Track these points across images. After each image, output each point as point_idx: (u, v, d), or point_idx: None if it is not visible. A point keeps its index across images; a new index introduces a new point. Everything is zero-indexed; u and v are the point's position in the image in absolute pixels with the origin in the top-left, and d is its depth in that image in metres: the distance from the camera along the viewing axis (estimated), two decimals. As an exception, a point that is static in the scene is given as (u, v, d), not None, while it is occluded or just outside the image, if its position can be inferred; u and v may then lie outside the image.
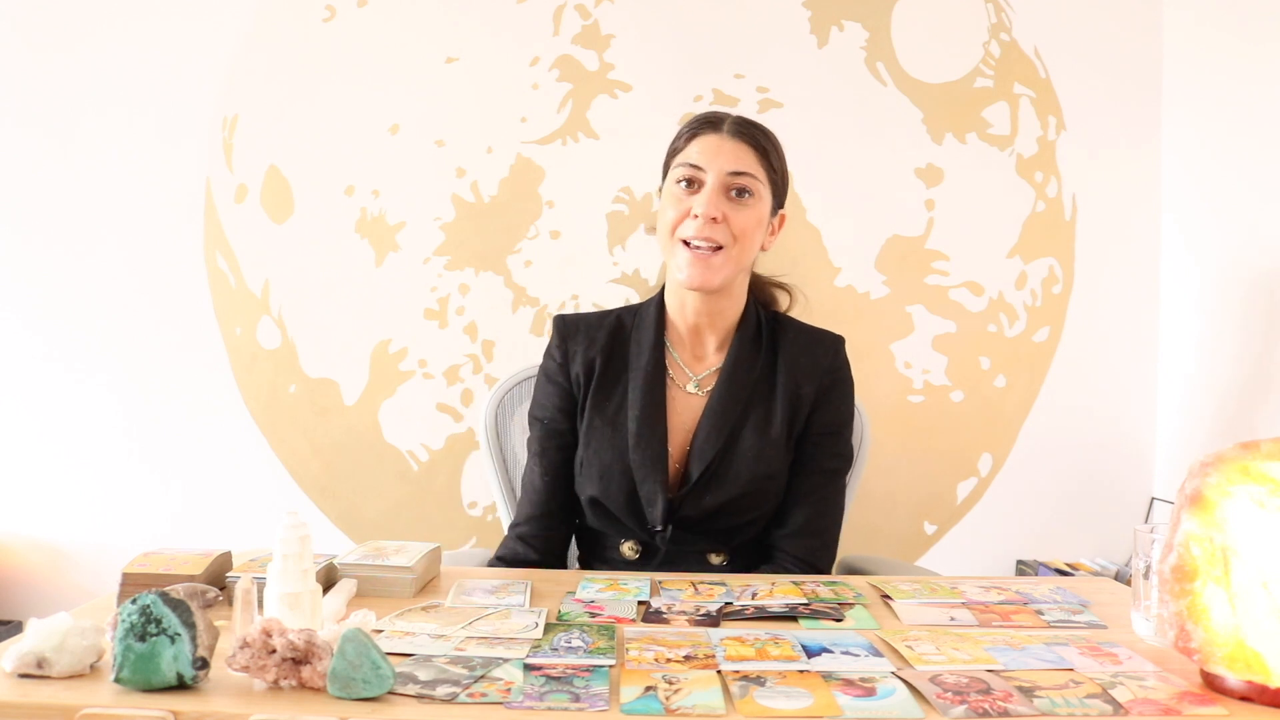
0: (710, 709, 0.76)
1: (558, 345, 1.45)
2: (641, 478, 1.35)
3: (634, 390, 1.38)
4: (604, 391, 1.40)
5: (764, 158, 1.34)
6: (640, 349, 1.41)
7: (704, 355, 1.43)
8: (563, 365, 1.44)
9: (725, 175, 1.32)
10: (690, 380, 1.41)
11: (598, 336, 1.43)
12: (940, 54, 2.20)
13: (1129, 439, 2.24)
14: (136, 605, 0.79)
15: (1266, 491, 0.78)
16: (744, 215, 1.32)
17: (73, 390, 2.26)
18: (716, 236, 1.31)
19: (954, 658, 0.88)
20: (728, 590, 1.12)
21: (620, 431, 1.37)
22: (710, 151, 1.33)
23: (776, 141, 1.39)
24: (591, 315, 1.48)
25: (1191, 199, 2.12)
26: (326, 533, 2.22)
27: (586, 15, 2.19)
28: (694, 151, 1.34)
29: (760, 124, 1.38)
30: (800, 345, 1.42)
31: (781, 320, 1.47)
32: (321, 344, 2.24)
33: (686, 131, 1.37)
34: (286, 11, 2.21)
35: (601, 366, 1.41)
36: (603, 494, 1.37)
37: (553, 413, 1.43)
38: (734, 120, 1.35)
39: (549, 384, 1.45)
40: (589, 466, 1.38)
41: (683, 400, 1.40)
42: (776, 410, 1.38)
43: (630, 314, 1.47)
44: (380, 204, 2.22)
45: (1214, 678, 0.81)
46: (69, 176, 2.24)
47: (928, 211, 2.21)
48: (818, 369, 1.40)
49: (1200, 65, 2.09)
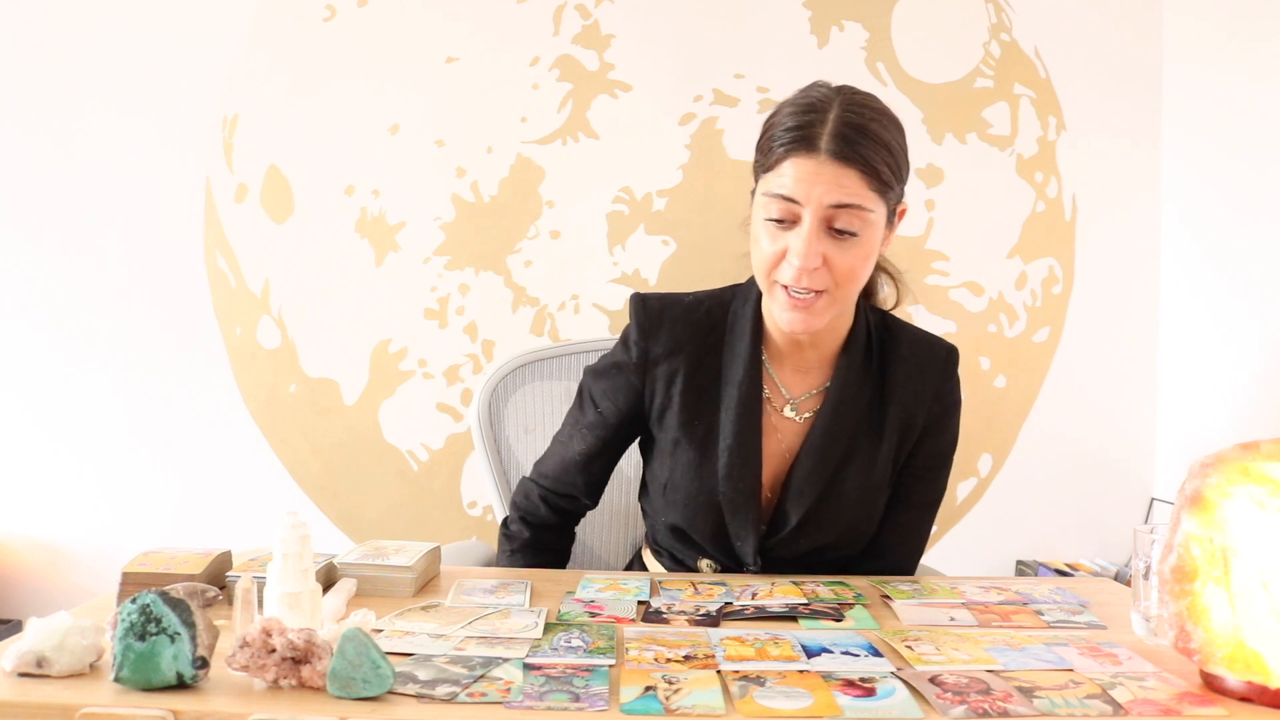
0: (710, 709, 0.76)
1: (638, 340, 1.26)
2: (732, 513, 1.21)
3: (726, 412, 1.22)
4: (692, 409, 1.23)
5: (874, 177, 1.09)
6: (735, 361, 1.23)
7: (806, 371, 1.25)
8: (640, 366, 1.25)
9: (825, 209, 1.09)
10: (789, 404, 1.24)
11: (685, 337, 1.25)
12: (940, 54, 2.20)
13: (1129, 439, 2.24)
14: (136, 604, 0.79)
15: (1266, 492, 0.78)
16: (850, 255, 1.11)
17: (73, 390, 2.26)
18: (816, 284, 1.11)
19: (954, 658, 0.88)
20: (727, 590, 1.12)
21: (710, 458, 1.22)
22: (807, 180, 1.08)
23: (890, 136, 1.12)
24: (678, 304, 1.27)
25: (1192, 199, 2.12)
26: (326, 533, 2.22)
27: (586, 15, 2.19)
28: (787, 178, 1.09)
29: (871, 121, 1.10)
30: (914, 363, 1.25)
31: (892, 328, 1.28)
32: (321, 344, 2.24)
33: (779, 143, 1.11)
34: (286, 11, 2.21)
35: (688, 376, 1.24)
36: (688, 524, 1.24)
37: (610, 407, 1.29)
38: (834, 135, 1.08)
39: (619, 375, 1.28)
40: (673, 492, 1.24)
41: (780, 424, 1.24)
42: (884, 445, 1.23)
43: (721, 307, 1.27)
44: (380, 204, 2.22)
45: (1214, 678, 0.81)
46: (69, 176, 2.24)
47: (928, 211, 2.21)
48: (930, 391, 1.24)
49: (1200, 65, 2.09)
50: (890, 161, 1.11)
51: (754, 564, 1.24)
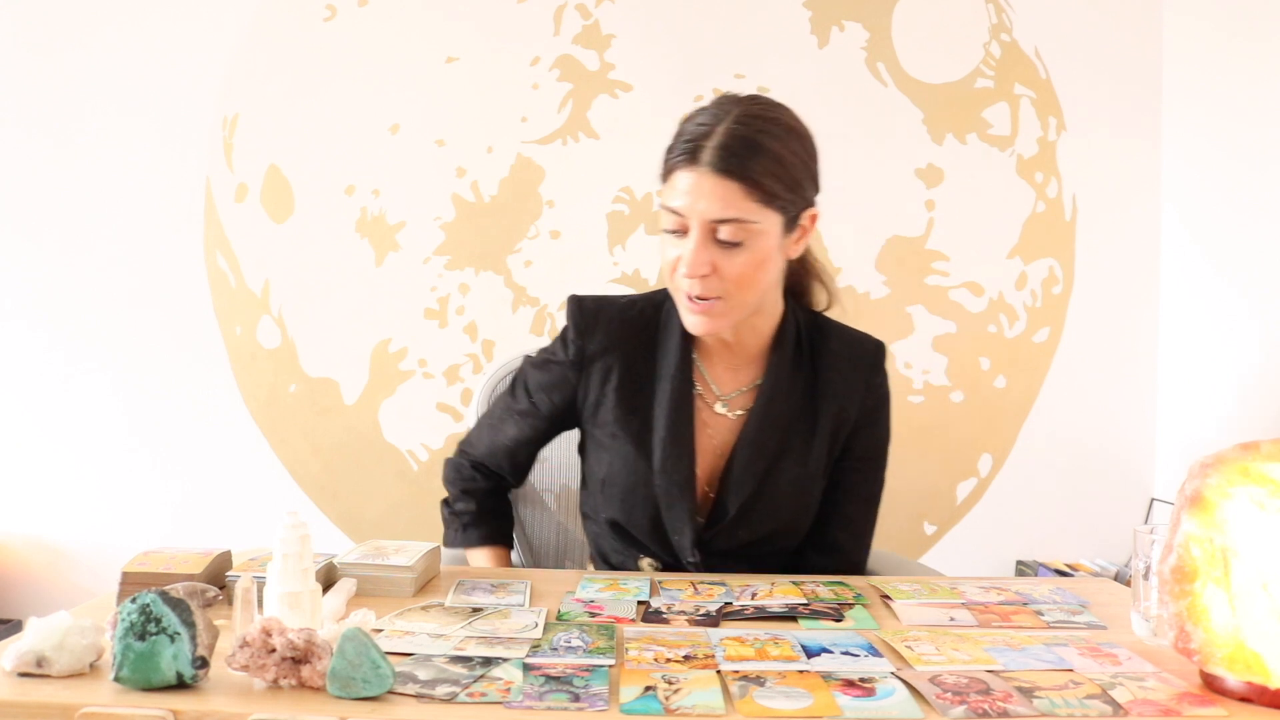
0: (710, 709, 0.76)
1: (574, 339, 1.30)
2: (667, 506, 1.24)
3: (660, 407, 1.25)
4: (627, 405, 1.26)
5: (756, 188, 1.11)
6: (667, 358, 1.26)
7: (736, 370, 1.28)
8: (576, 364, 1.29)
9: (707, 222, 1.11)
10: (720, 400, 1.27)
11: (619, 335, 1.28)
12: (941, 54, 2.20)
13: (1129, 439, 2.24)
14: (136, 604, 0.79)
15: (1266, 493, 0.78)
16: (737, 264, 1.13)
17: (73, 390, 2.26)
18: (710, 291, 1.14)
19: (954, 658, 0.88)
20: (727, 590, 1.12)
21: (645, 452, 1.25)
22: (690, 194, 1.11)
23: (784, 146, 1.14)
24: (614, 304, 1.31)
25: (1191, 199, 2.12)
26: (326, 533, 2.22)
27: (587, 15, 2.19)
28: (676, 190, 1.13)
29: (760, 133, 1.13)
30: (844, 357, 1.29)
31: (822, 326, 1.32)
32: (321, 344, 2.24)
33: (672, 155, 1.15)
34: (286, 11, 2.21)
35: (622, 373, 1.27)
36: (625, 518, 1.27)
37: (544, 399, 1.32)
38: (717, 147, 1.11)
39: (556, 370, 1.31)
40: (610, 486, 1.27)
41: (712, 420, 1.27)
42: (817, 437, 1.26)
43: (654, 308, 1.30)
44: (380, 204, 2.22)
45: (1213, 679, 0.81)
46: (69, 176, 2.24)
47: (928, 212, 2.21)
48: (861, 384, 1.28)
49: (1200, 65, 2.09)
50: (779, 172, 1.13)
51: (692, 556, 1.25)
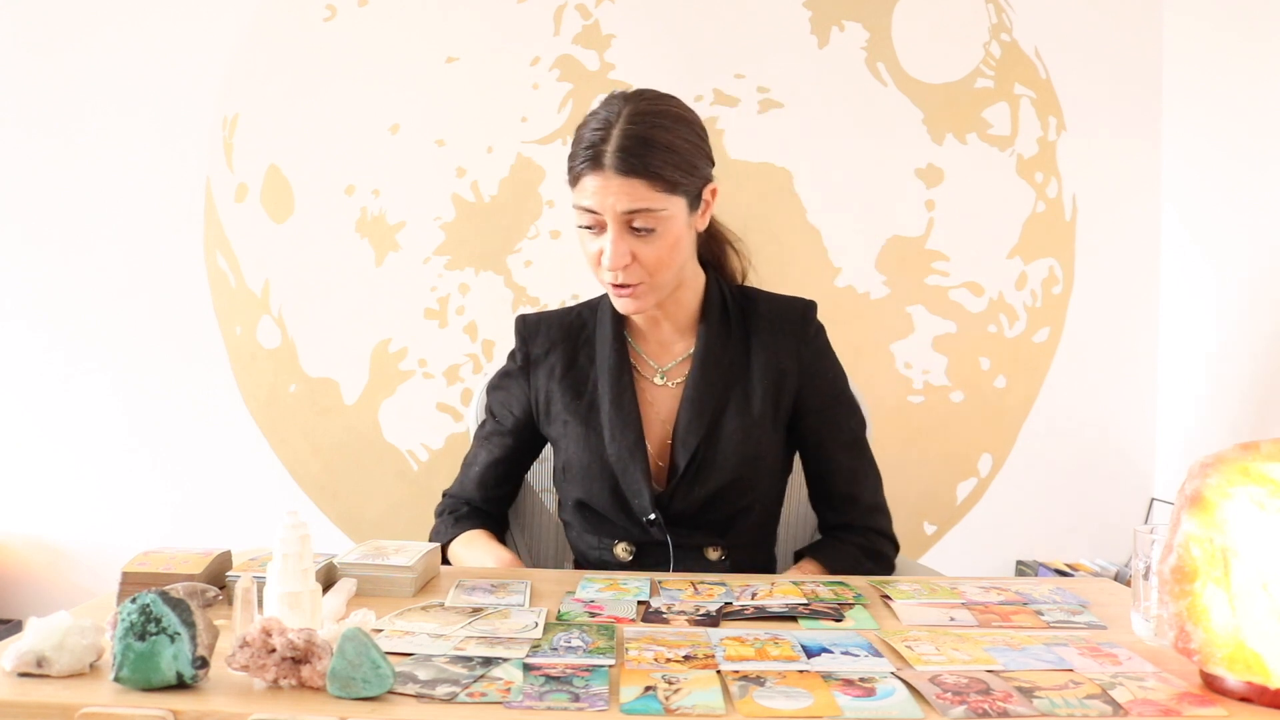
0: (710, 709, 0.76)
1: (519, 347, 1.44)
2: (622, 469, 1.33)
3: (602, 385, 1.36)
4: (573, 391, 1.38)
5: (658, 180, 1.22)
6: (603, 344, 1.38)
7: (668, 344, 1.39)
8: (523, 369, 1.43)
9: (620, 215, 1.23)
10: (657, 372, 1.38)
11: (559, 336, 1.42)
12: (941, 54, 2.20)
13: (1129, 439, 2.24)
14: (136, 604, 0.79)
15: (1266, 493, 0.78)
16: (654, 248, 1.25)
17: (73, 390, 2.26)
18: (632, 278, 1.26)
19: (954, 658, 0.88)
20: (727, 590, 1.12)
21: (594, 429, 1.35)
22: (600, 193, 1.22)
23: (674, 136, 1.25)
24: (553, 313, 1.46)
25: (1192, 199, 2.12)
26: (326, 533, 2.22)
27: (587, 15, 2.19)
28: (586, 192, 1.24)
29: (652, 129, 1.23)
30: (773, 320, 1.38)
31: (749, 295, 1.42)
32: (321, 344, 2.24)
33: (577, 160, 1.25)
34: (286, 11, 2.21)
35: (565, 367, 1.40)
36: (587, 494, 1.35)
37: (506, 414, 1.44)
38: (616, 150, 1.21)
39: (509, 381, 1.45)
40: (570, 470, 1.37)
41: (653, 392, 1.38)
42: (755, 388, 1.35)
43: (590, 309, 1.45)
44: (380, 204, 2.22)
45: (1214, 679, 0.81)
46: (69, 176, 2.24)
47: (928, 212, 2.21)
48: (793, 339, 1.38)
49: (1200, 65, 2.09)
50: (676, 161, 1.24)
51: (652, 513, 1.32)
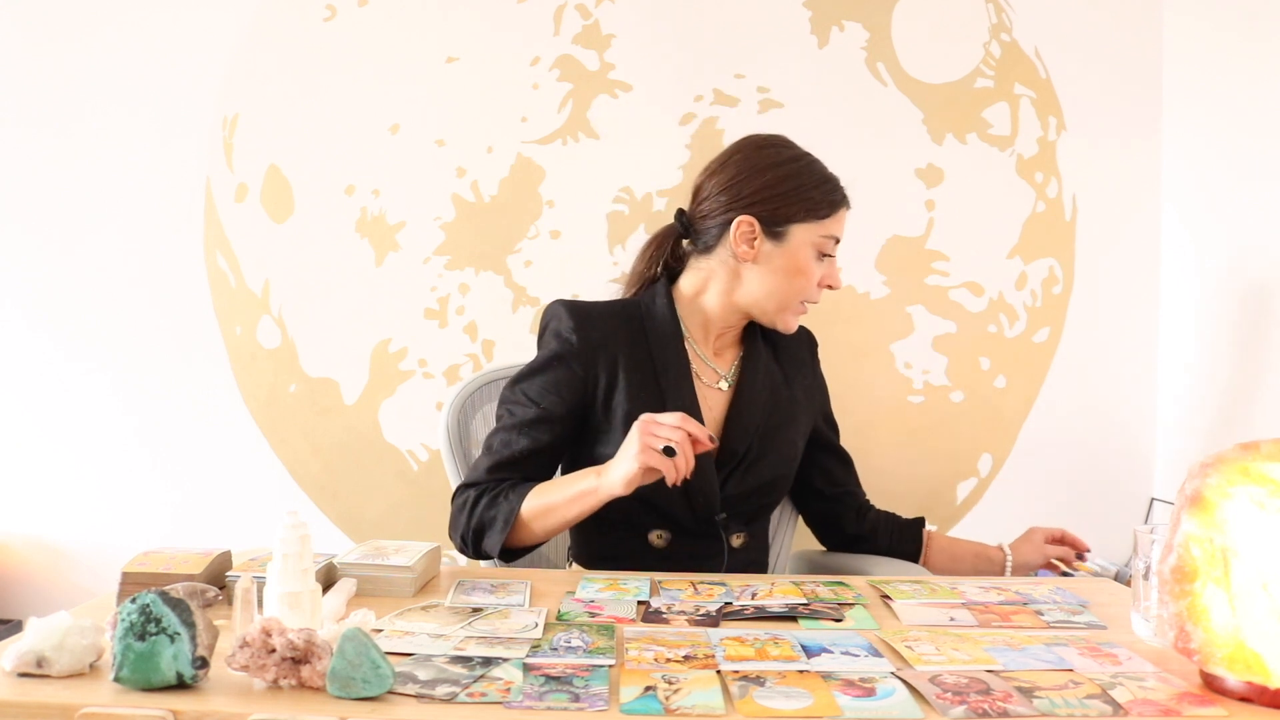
0: (710, 709, 0.76)
1: (574, 328, 1.39)
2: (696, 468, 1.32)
3: (668, 385, 1.40)
4: (637, 385, 1.38)
5: None
6: (663, 347, 1.42)
7: (720, 353, 1.51)
8: (581, 351, 1.38)
9: None
10: (721, 378, 1.48)
11: (614, 326, 1.41)
12: (941, 54, 2.19)
13: (1129, 439, 2.23)
14: (136, 604, 0.79)
15: (1266, 493, 0.78)
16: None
17: (72, 390, 2.26)
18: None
19: (954, 658, 0.88)
20: (727, 590, 1.12)
21: None
22: (843, 226, 1.48)
23: None
24: (599, 305, 1.45)
25: (1192, 199, 2.12)
26: (326, 533, 2.22)
27: (587, 15, 2.19)
28: (839, 223, 1.46)
29: None
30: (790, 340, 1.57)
31: None
32: (321, 344, 2.24)
33: (835, 195, 1.46)
34: (286, 11, 2.21)
35: (627, 359, 1.39)
36: (653, 490, 1.29)
37: (555, 400, 1.36)
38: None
39: (560, 366, 1.38)
40: None
41: (707, 395, 1.46)
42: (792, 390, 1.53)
43: (634, 306, 1.46)
44: (380, 204, 2.22)
45: (1213, 678, 0.81)
46: (69, 176, 2.24)
47: (928, 212, 2.21)
48: (809, 360, 1.62)
49: (1200, 65, 2.09)
50: None
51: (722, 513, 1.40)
